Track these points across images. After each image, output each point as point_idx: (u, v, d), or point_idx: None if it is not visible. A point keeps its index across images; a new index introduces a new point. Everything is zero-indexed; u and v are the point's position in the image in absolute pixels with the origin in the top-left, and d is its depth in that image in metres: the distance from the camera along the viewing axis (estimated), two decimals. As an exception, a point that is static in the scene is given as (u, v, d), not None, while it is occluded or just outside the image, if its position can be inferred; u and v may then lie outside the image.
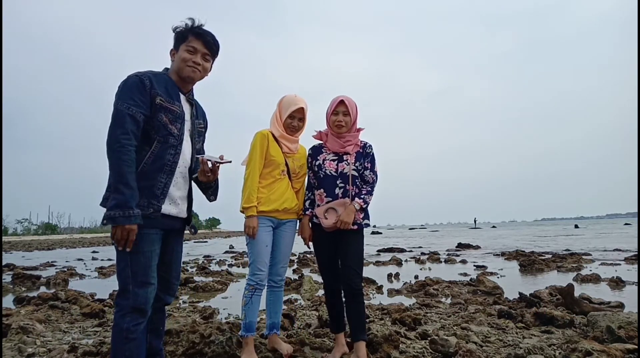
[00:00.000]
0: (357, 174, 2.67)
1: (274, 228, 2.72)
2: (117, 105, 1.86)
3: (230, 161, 2.16)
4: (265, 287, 2.70)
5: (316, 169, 2.74)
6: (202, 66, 2.09)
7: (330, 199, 2.65)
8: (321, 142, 2.81)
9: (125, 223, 1.77)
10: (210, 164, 2.09)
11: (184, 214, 2.11)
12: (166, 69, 2.13)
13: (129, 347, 1.84)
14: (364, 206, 2.62)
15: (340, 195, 2.64)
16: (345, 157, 2.69)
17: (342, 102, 2.66)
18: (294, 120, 2.71)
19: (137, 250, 1.86)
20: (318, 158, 2.75)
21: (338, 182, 2.66)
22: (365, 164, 2.70)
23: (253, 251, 2.62)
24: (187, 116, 2.11)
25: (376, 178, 2.72)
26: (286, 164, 2.71)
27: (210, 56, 2.13)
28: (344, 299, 2.68)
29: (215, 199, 2.27)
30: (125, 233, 1.79)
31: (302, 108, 2.70)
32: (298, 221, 2.85)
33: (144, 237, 1.88)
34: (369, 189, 2.66)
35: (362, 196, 2.61)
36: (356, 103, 2.73)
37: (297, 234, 2.85)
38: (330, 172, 2.68)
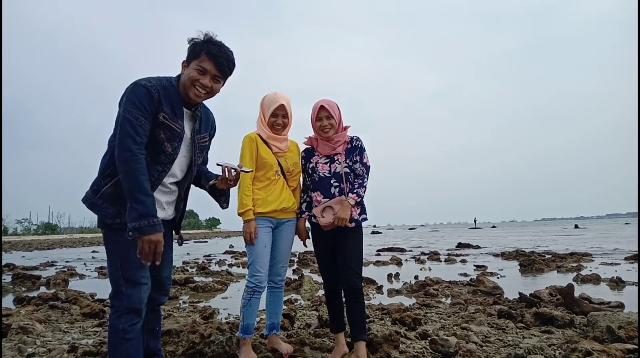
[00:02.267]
0: (349, 171, 2.69)
1: (274, 228, 2.72)
2: (125, 113, 1.80)
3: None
4: (266, 288, 2.70)
5: (310, 171, 2.77)
6: (210, 88, 1.99)
7: (327, 199, 2.66)
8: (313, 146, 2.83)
9: (152, 232, 1.73)
10: (234, 173, 2.09)
11: (169, 218, 2.10)
12: (179, 76, 2.04)
13: (127, 346, 1.84)
14: (358, 200, 2.62)
15: (336, 194, 2.66)
16: (336, 157, 2.71)
17: (322, 107, 2.68)
18: (278, 118, 2.66)
19: (126, 252, 1.85)
20: (311, 160, 2.78)
21: (332, 182, 2.68)
22: (355, 158, 2.71)
23: (252, 252, 2.62)
24: (188, 133, 2.05)
25: (367, 169, 2.71)
26: (279, 164, 2.70)
27: (222, 78, 2.02)
28: (344, 299, 2.69)
29: (227, 206, 2.26)
30: (153, 245, 1.74)
31: (283, 104, 2.65)
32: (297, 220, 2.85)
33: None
34: (360, 182, 2.67)
35: (355, 191, 2.62)
36: (337, 103, 2.75)
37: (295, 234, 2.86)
38: (324, 174, 2.71)
